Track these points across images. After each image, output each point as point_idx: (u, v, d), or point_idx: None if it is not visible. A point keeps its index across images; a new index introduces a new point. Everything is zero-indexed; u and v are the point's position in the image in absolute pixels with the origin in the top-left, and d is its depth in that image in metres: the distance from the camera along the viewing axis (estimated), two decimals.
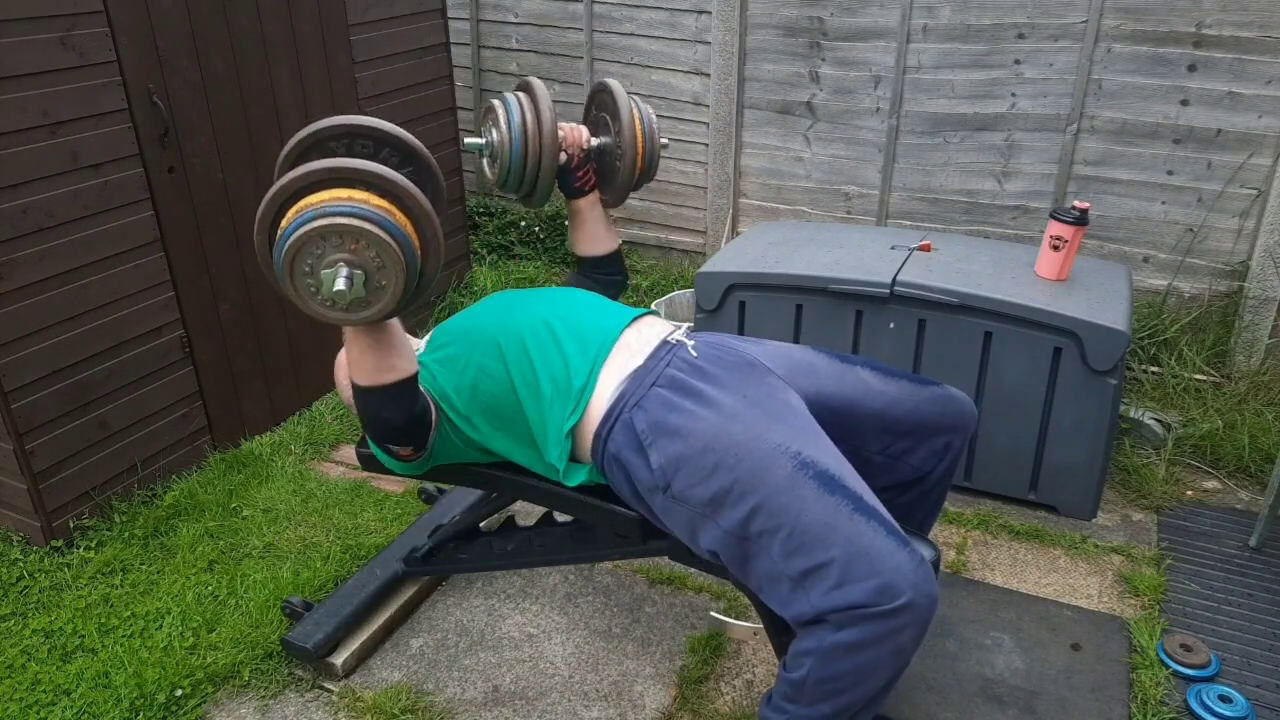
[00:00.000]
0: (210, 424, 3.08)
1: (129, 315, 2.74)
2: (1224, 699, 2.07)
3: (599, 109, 2.20)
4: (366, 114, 3.47)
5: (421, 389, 1.81)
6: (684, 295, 3.94)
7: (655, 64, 4.27)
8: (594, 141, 2.15)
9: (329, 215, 1.47)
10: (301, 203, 1.51)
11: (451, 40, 3.96)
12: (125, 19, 2.57)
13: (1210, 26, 3.23)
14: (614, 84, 2.12)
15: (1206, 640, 2.26)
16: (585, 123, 2.22)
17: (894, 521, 1.55)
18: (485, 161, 2.08)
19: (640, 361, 1.78)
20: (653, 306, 3.86)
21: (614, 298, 2.26)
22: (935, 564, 1.70)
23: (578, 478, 1.82)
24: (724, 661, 2.28)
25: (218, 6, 2.83)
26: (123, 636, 2.33)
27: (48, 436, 2.58)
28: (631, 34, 4.27)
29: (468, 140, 2.08)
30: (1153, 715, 2.05)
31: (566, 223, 2.28)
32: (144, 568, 2.59)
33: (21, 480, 2.57)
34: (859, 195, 4.01)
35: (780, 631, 1.81)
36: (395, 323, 1.71)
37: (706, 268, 2.97)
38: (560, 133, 2.04)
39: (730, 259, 3.00)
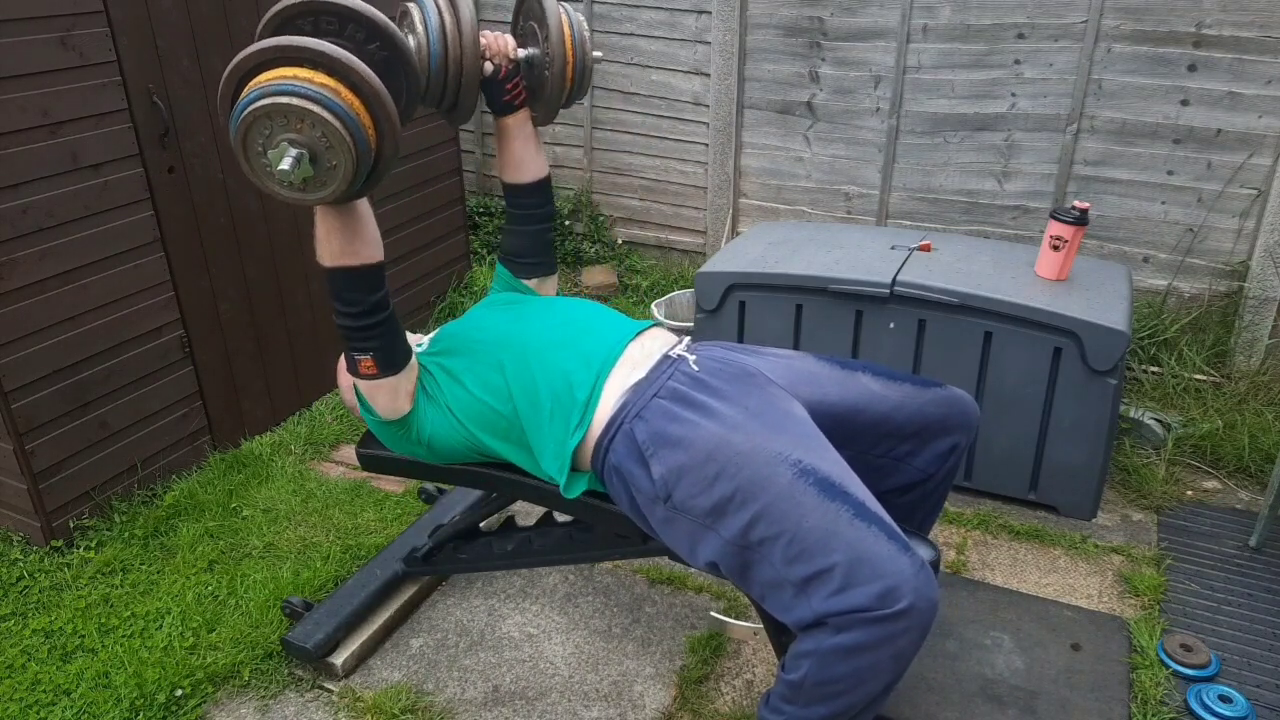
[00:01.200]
0: (210, 424, 3.08)
1: (129, 315, 2.74)
2: (1224, 699, 2.07)
3: (527, 18, 2.06)
4: None
5: (395, 314, 1.84)
6: (684, 295, 3.94)
7: (655, 64, 4.27)
8: (522, 52, 2.00)
9: (271, 95, 1.48)
10: (253, 81, 1.51)
11: None
12: (125, 19, 2.57)
13: (1210, 26, 3.23)
14: None
15: (1206, 640, 2.26)
16: (514, 34, 2.07)
17: (896, 527, 1.55)
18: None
19: (642, 374, 1.78)
20: (653, 307, 3.87)
21: (545, 231, 2.19)
22: (935, 564, 1.70)
23: (578, 488, 1.83)
24: (724, 661, 2.28)
25: (218, 6, 2.83)
26: (123, 636, 2.33)
27: (48, 436, 2.58)
28: (631, 34, 4.27)
29: None
30: (1153, 715, 2.06)
31: (496, 148, 2.14)
32: (144, 568, 2.59)
33: (21, 480, 2.57)
34: (859, 195, 4.01)
35: (780, 632, 1.81)
36: (364, 208, 1.73)
37: (706, 268, 2.97)
38: (484, 40, 1.92)
39: (730, 259, 3.00)
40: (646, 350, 1.84)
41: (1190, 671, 2.16)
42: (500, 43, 1.97)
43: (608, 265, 4.51)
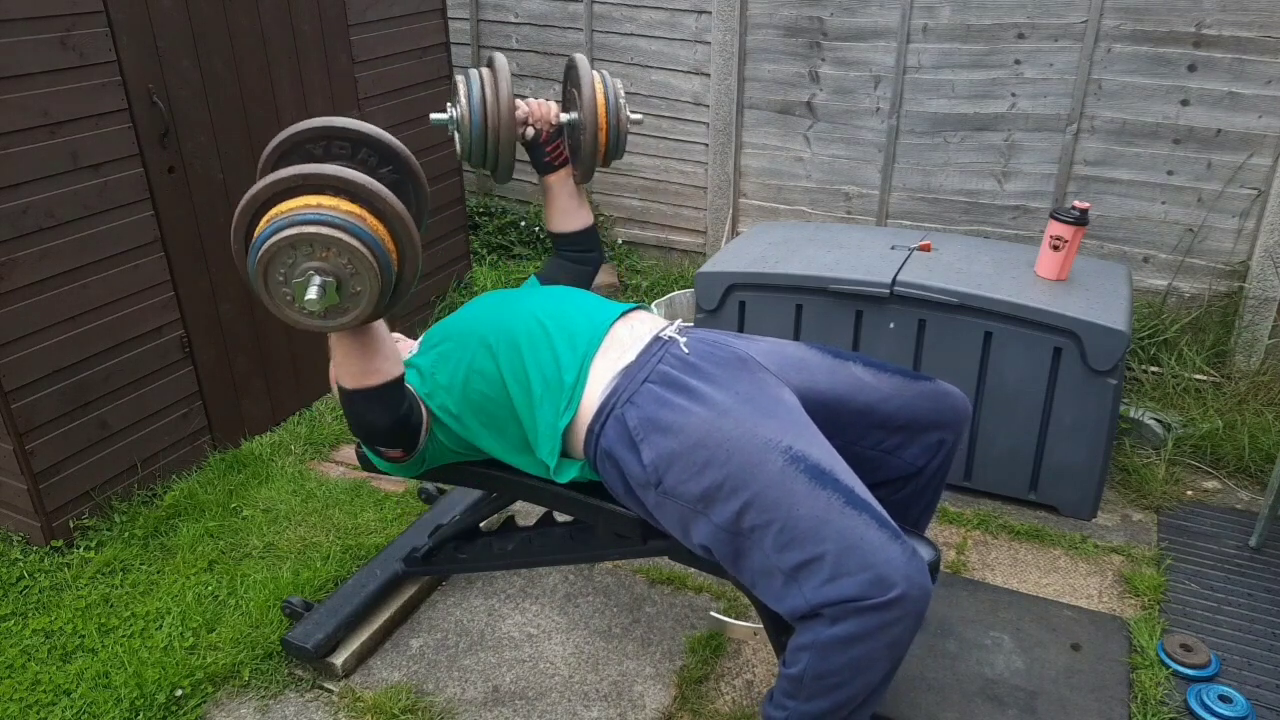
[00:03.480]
0: (210, 424, 3.08)
1: (129, 315, 2.74)
2: (1224, 699, 2.07)
3: (572, 84, 2.18)
4: (366, 116, 3.48)
5: (410, 390, 1.83)
6: (684, 295, 3.94)
7: (655, 64, 4.27)
8: (563, 117, 2.14)
9: (297, 224, 1.46)
10: (272, 210, 1.49)
11: (451, 40, 3.96)
12: (125, 19, 2.57)
13: (1210, 26, 3.23)
14: (579, 58, 2.10)
15: (1206, 640, 2.26)
16: (562, 99, 2.22)
17: (886, 515, 1.56)
18: (455, 135, 2.07)
19: (632, 358, 1.78)
20: (653, 306, 3.86)
21: (592, 274, 2.29)
22: (935, 564, 1.70)
23: (569, 474, 1.82)
24: (724, 661, 2.28)
25: (218, 6, 2.83)
26: (123, 636, 2.33)
27: (48, 436, 2.58)
28: (631, 34, 4.27)
29: (433, 116, 2.05)
30: (1153, 715, 2.06)
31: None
32: (144, 568, 2.59)
33: (21, 480, 2.57)
34: (859, 195, 4.01)
35: (780, 631, 1.82)
36: (380, 325, 1.72)
37: (706, 268, 2.97)
38: (526, 108, 2.08)
39: (730, 259, 3.00)
40: (636, 333, 1.85)
41: (1190, 671, 2.16)
42: (542, 109, 2.11)
43: (608, 265, 4.51)
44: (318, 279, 1.48)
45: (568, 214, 2.23)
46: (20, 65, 2.35)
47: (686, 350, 1.78)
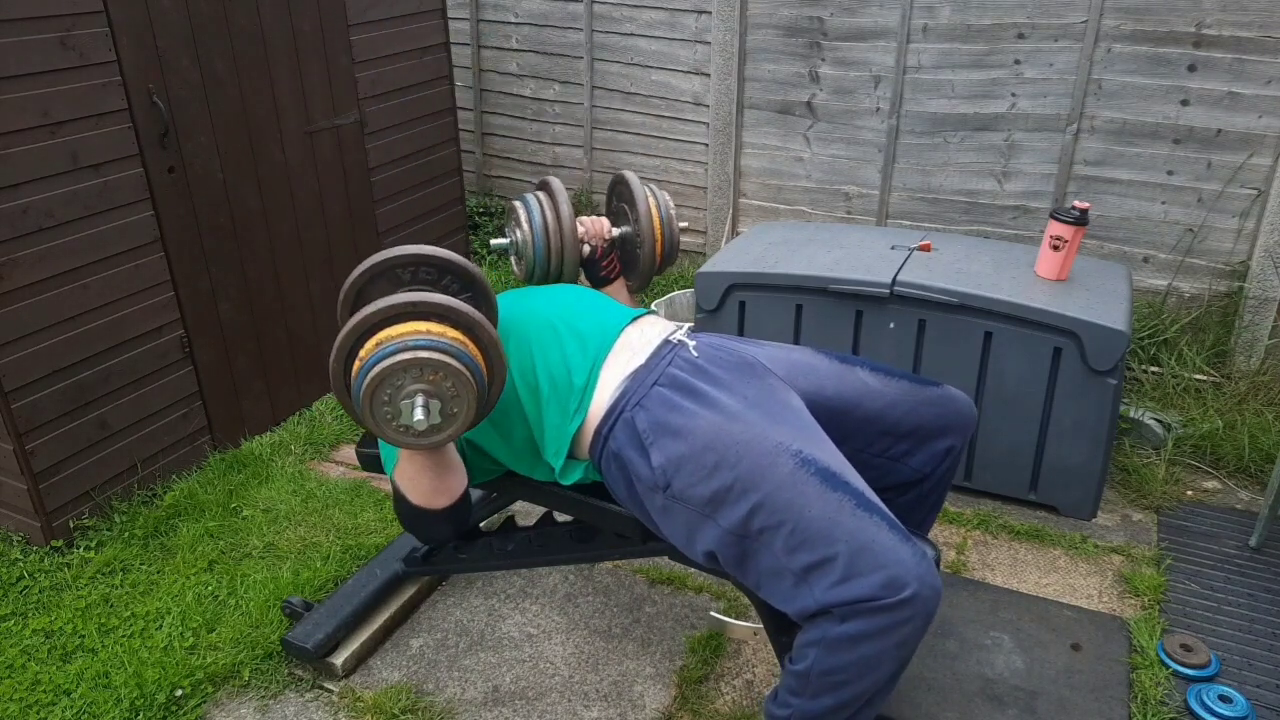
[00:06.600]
0: (210, 424, 3.08)
1: (129, 315, 2.74)
2: (1224, 699, 2.07)
3: (618, 199, 2.28)
4: (366, 115, 3.47)
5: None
6: (684, 295, 3.94)
7: (655, 64, 4.27)
8: (615, 231, 2.23)
9: (412, 349, 1.54)
10: (381, 334, 1.57)
11: (451, 40, 3.96)
12: (125, 19, 2.57)
13: (1210, 26, 3.23)
14: (630, 175, 2.21)
15: (1206, 640, 2.26)
16: (607, 213, 2.32)
17: (895, 518, 1.56)
18: (512, 259, 2.18)
19: (642, 360, 1.78)
20: (652, 307, 3.86)
21: None
22: (935, 564, 1.70)
23: (574, 475, 1.82)
24: (724, 661, 2.28)
25: (218, 6, 2.83)
26: (123, 636, 2.33)
27: (48, 436, 2.58)
28: (631, 34, 4.27)
29: (494, 242, 2.19)
30: (1153, 715, 2.06)
31: None
32: (144, 568, 2.59)
33: (21, 480, 2.57)
34: (859, 195, 4.01)
35: (781, 631, 1.81)
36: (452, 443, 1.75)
37: (706, 268, 2.97)
38: (582, 227, 2.17)
39: (730, 259, 3.00)
40: (646, 336, 1.85)
41: (1190, 671, 2.16)
42: (597, 226, 2.19)
43: None
44: (423, 399, 1.55)
45: None
46: (20, 65, 2.35)
47: (695, 354, 1.78)
